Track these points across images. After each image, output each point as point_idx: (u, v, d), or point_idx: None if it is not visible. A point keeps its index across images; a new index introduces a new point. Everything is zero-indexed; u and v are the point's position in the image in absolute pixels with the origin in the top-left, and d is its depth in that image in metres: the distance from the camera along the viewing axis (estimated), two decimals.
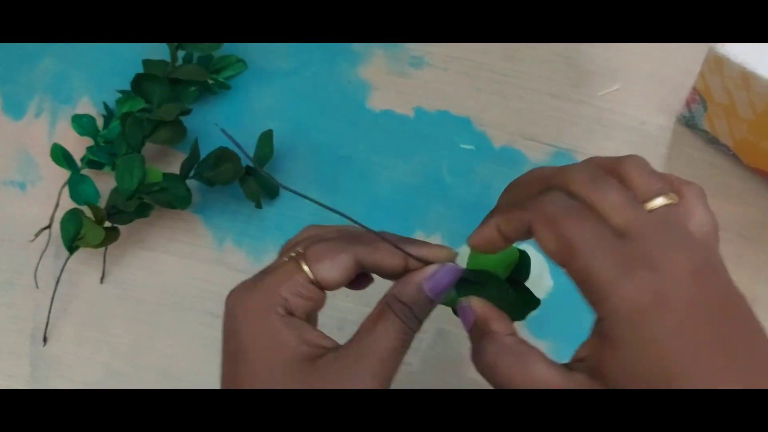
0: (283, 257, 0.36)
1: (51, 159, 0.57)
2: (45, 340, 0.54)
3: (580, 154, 0.58)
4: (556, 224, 0.30)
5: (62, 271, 0.54)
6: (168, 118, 0.55)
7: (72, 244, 0.54)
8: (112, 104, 0.59)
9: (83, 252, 0.55)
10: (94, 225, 0.53)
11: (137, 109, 0.57)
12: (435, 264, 0.36)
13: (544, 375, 0.31)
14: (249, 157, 0.35)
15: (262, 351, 0.33)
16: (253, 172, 0.56)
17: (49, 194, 0.57)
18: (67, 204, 0.55)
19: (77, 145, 0.58)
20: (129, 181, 0.53)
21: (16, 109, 0.61)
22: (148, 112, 0.57)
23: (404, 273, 0.36)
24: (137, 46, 0.62)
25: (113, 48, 0.62)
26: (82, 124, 0.58)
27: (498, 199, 0.36)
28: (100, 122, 0.59)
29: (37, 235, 0.56)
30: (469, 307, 0.35)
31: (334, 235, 0.36)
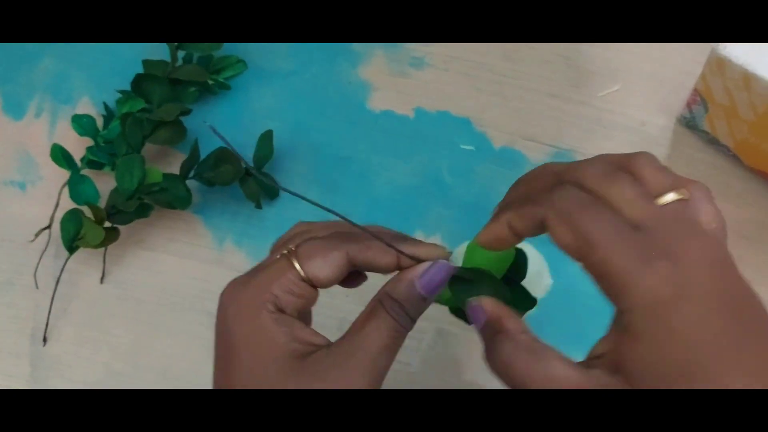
0: (275, 254, 0.36)
1: (51, 159, 0.57)
2: (45, 340, 0.54)
3: (580, 154, 0.58)
4: (572, 218, 0.30)
5: (62, 271, 0.54)
6: (168, 119, 0.55)
7: (72, 244, 0.54)
8: (112, 104, 0.59)
9: (83, 252, 0.55)
10: (94, 225, 0.53)
11: (137, 110, 0.57)
12: (427, 261, 0.35)
13: (561, 373, 0.31)
14: (238, 155, 0.35)
15: (253, 348, 0.33)
16: (253, 172, 0.56)
17: (49, 194, 0.57)
18: (67, 204, 0.55)
19: (77, 145, 0.58)
20: (129, 182, 0.53)
21: (16, 109, 0.61)
22: (148, 112, 0.57)
23: (398, 271, 0.36)
24: (137, 46, 0.62)
25: (113, 48, 0.63)
26: (82, 124, 0.58)
27: (505, 195, 0.36)
28: (100, 122, 0.59)
29: (37, 235, 0.56)
30: (480, 306, 0.35)
31: (326, 233, 0.36)
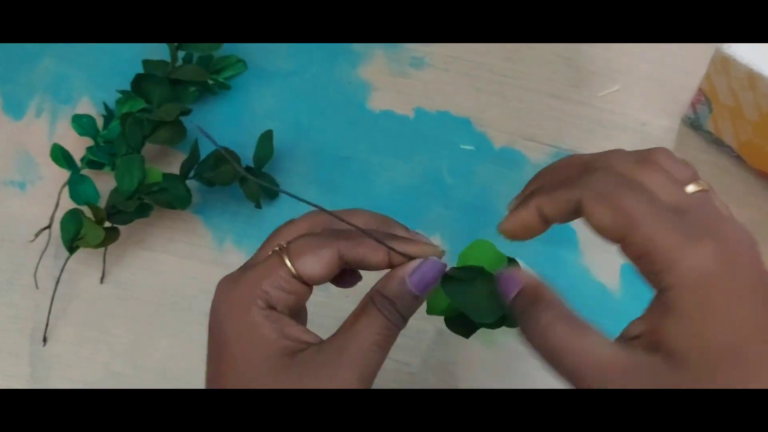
0: (266, 251, 0.36)
1: (51, 159, 0.57)
2: (45, 340, 0.54)
3: None
4: (611, 198, 0.30)
5: (62, 271, 0.54)
6: (168, 119, 0.55)
7: (72, 244, 0.54)
8: (112, 104, 0.59)
9: (83, 252, 0.55)
10: (94, 225, 0.53)
11: (137, 110, 0.57)
12: (419, 258, 0.35)
13: (601, 349, 0.30)
14: (229, 156, 0.35)
15: (243, 345, 0.33)
16: (252, 172, 0.56)
17: (49, 194, 0.57)
18: (67, 204, 0.55)
19: (77, 145, 0.58)
20: (129, 182, 0.53)
21: (16, 109, 0.61)
22: (148, 112, 0.57)
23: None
24: (137, 46, 0.62)
25: (113, 48, 0.63)
26: (82, 124, 0.58)
27: (525, 187, 0.36)
28: (100, 122, 0.59)
29: (37, 235, 0.56)
30: (512, 276, 0.34)
31: (318, 230, 0.36)
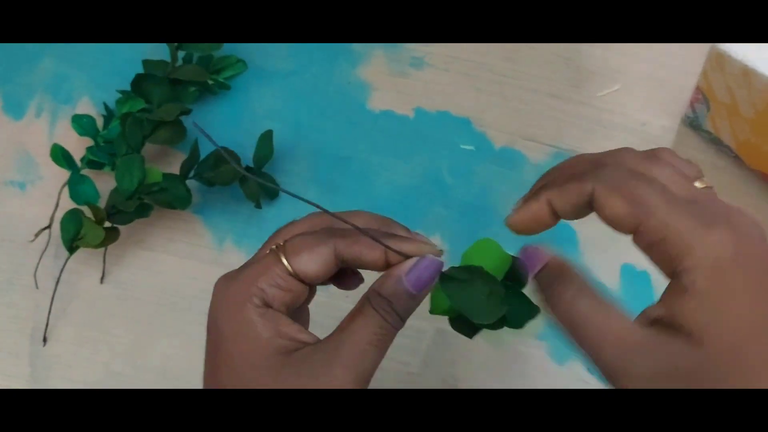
0: (266, 250, 0.36)
1: (51, 159, 0.57)
2: (45, 340, 0.54)
3: None
4: (625, 188, 0.31)
5: (62, 271, 0.54)
6: (168, 119, 0.55)
7: (72, 244, 0.54)
8: (112, 104, 0.59)
9: (83, 252, 0.55)
10: (94, 225, 0.53)
11: (137, 110, 0.57)
12: (415, 257, 0.35)
13: (622, 324, 0.30)
14: (227, 156, 0.35)
15: (238, 342, 0.33)
16: (253, 172, 0.56)
17: (49, 194, 0.57)
18: (67, 204, 0.55)
19: (77, 145, 0.58)
20: (129, 182, 0.53)
21: (16, 109, 0.61)
22: (148, 112, 0.57)
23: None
24: (137, 46, 0.62)
25: (113, 48, 0.63)
26: (82, 124, 0.58)
27: (532, 186, 0.36)
28: (100, 122, 0.59)
29: (37, 235, 0.56)
30: (537, 252, 0.34)
31: (317, 228, 0.36)
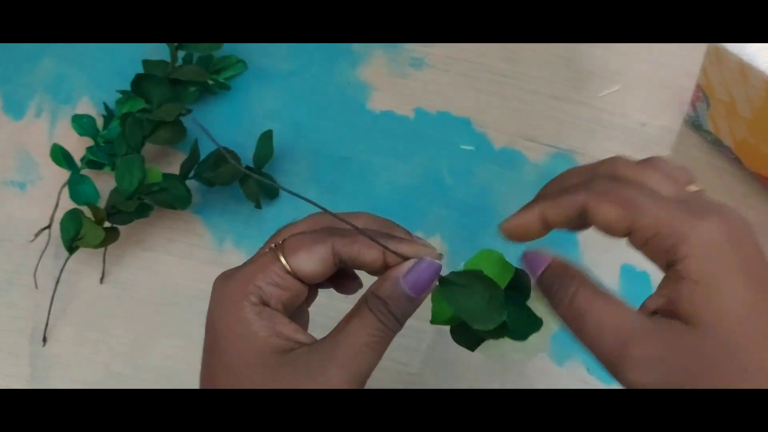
0: (265, 249, 0.36)
1: (51, 159, 0.57)
2: (44, 340, 0.54)
3: (580, 155, 0.58)
4: (615, 194, 0.32)
5: (62, 271, 0.54)
6: (168, 119, 0.55)
7: (72, 244, 0.53)
8: (112, 104, 0.59)
9: (83, 252, 0.55)
10: (93, 225, 0.53)
11: (137, 110, 0.57)
12: (414, 259, 0.35)
13: (622, 313, 0.31)
14: (227, 154, 0.35)
15: (233, 339, 0.33)
16: (253, 172, 0.56)
17: (48, 194, 0.57)
18: (67, 204, 0.55)
19: (77, 145, 0.58)
20: (129, 182, 0.53)
21: (16, 109, 0.61)
22: (148, 112, 0.57)
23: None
24: (137, 46, 0.62)
25: (113, 48, 0.63)
26: (82, 124, 0.58)
27: (536, 196, 0.37)
28: (100, 122, 0.59)
29: (37, 235, 0.56)
30: (539, 254, 0.35)
31: (316, 228, 0.36)
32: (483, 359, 0.50)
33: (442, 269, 0.35)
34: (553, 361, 0.52)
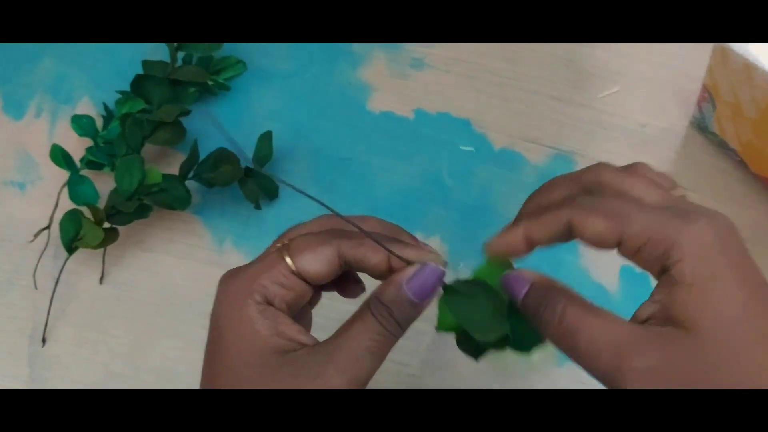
0: (271, 249, 0.36)
1: (50, 159, 0.57)
2: (44, 340, 0.54)
3: (580, 156, 0.58)
4: (600, 207, 0.32)
5: (61, 271, 0.54)
6: (167, 119, 0.55)
7: (71, 244, 0.53)
8: (111, 105, 0.59)
9: (82, 253, 0.54)
10: (93, 226, 0.53)
11: (137, 110, 0.57)
12: (417, 264, 0.34)
13: (615, 324, 0.31)
14: (239, 147, 0.35)
15: (236, 338, 0.34)
16: (252, 173, 0.56)
17: (48, 195, 0.57)
18: (67, 204, 0.55)
19: (77, 145, 0.58)
20: (128, 182, 0.53)
21: (16, 109, 0.61)
22: (147, 112, 0.57)
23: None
24: (137, 46, 0.62)
25: (113, 48, 0.62)
26: (81, 124, 0.58)
27: (519, 211, 0.37)
28: (99, 123, 0.59)
29: (37, 235, 0.56)
30: (519, 275, 0.34)
31: (323, 229, 0.36)
32: (482, 360, 0.50)
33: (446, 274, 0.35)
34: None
